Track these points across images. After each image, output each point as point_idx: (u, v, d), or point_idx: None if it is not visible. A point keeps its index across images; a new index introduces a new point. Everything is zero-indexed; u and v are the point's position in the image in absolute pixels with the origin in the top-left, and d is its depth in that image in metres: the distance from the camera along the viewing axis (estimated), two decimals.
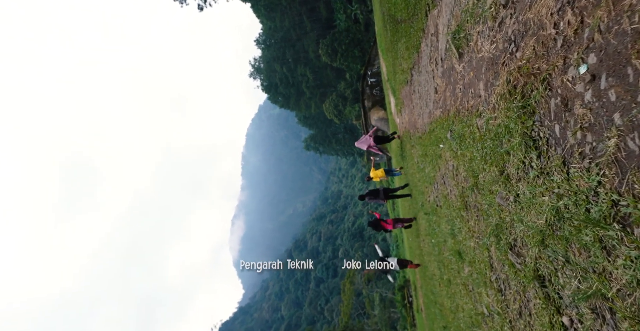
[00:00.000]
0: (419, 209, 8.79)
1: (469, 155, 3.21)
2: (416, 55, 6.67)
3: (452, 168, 4.47)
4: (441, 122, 4.61)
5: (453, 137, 3.73)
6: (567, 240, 1.63)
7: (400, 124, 12.90)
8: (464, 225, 4.11)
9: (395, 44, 10.04)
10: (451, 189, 4.77)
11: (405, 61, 8.43)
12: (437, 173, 5.89)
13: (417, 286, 14.37)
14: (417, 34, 6.10)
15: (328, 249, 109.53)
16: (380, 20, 17.16)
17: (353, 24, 50.91)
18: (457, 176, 4.17)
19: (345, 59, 50.94)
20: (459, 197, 4.16)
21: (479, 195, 3.06)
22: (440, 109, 4.66)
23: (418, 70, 6.83)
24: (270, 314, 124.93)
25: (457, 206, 4.35)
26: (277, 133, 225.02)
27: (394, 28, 9.72)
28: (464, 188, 3.92)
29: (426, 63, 5.58)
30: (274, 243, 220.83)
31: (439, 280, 6.48)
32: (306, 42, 54.23)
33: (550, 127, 1.69)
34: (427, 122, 6.48)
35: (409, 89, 8.95)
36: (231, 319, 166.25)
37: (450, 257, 5.21)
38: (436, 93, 4.87)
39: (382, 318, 38.15)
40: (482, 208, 2.98)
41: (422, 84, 6.50)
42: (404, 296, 21.66)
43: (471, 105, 2.96)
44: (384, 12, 13.17)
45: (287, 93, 58.93)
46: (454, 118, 3.68)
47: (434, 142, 5.50)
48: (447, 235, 5.14)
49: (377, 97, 31.02)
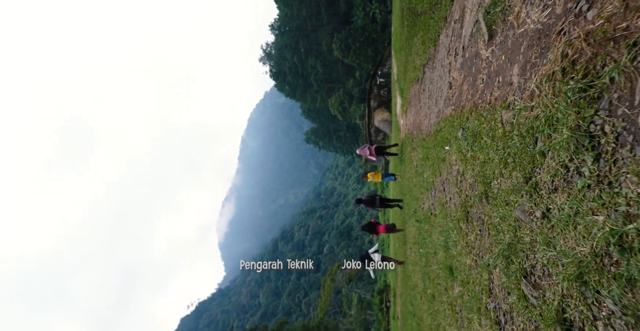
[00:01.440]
0: (411, 215, 8.29)
1: (482, 158, 2.68)
2: (432, 49, 6.11)
3: (456, 174, 3.95)
4: (451, 120, 4.08)
5: (465, 135, 3.20)
6: (630, 281, 1.11)
7: (404, 126, 12.37)
8: (461, 238, 3.60)
9: (411, 39, 9.47)
10: (451, 197, 4.26)
11: (419, 57, 7.87)
12: (436, 179, 5.38)
13: (396, 292, 13.95)
14: (437, 25, 5.54)
15: (314, 244, 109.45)
16: (398, 18, 16.52)
17: (370, 23, 50.04)
18: (462, 182, 3.65)
19: (357, 56, 50.14)
20: (460, 206, 3.65)
21: (489, 205, 2.54)
22: (453, 106, 4.13)
23: (432, 66, 6.27)
24: (248, 300, 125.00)
25: (456, 216, 3.84)
26: (280, 122, 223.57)
27: (412, 22, 9.14)
28: (468, 197, 3.40)
29: (443, 56, 5.03)
30: (261, 231, 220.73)
31: (422, 292, 6.00)
32: (320, 35, 53.27)
33: (628, 118, 1.16)
34: (433, 123, 5.95)
35: (418, 88, 8.40)
36: (209, 299, 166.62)
37: (438, 271, 4.71)
38: (450, 88, 4.33)
39: (358, 318, 37.96)
40: (491, 221, 2.46)
41: (435, 81, 5.95)
42: (382, 301, 21.30)
43: (496, 96, 2.43)
44: (403, 8, 12.55)
45: (295, 83, 57.97)
46: (469, 114, 3.14)
47: (439, 143, 4.98)
48: (439, 247, 4.63)
49: (383, 98, 30.41)
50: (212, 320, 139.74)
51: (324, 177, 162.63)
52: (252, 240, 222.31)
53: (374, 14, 49.73)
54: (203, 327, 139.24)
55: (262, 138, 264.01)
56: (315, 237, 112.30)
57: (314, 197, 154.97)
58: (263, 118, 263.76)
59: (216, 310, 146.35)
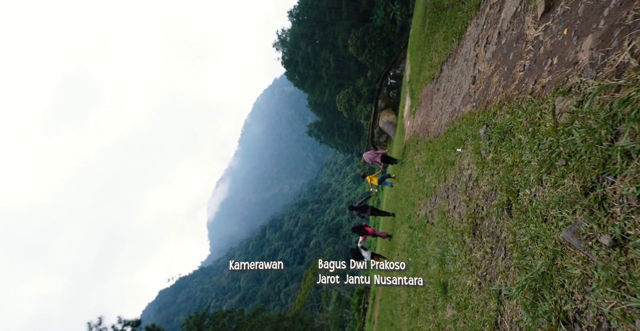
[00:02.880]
0: (404, 221, 7.78)
1: (510, 160, 2.14)
2: (455, 44, 5.54)
3: (466, 179, 3.41)
4: (470, 118, 3.53)
5: (489, 134, 2.65)
6: None
7: (410, 128, 11.82)
8: (463, 254, 3.07)
9: (431, 36, 8.87)
10: (456, 205, 3.73)
11: (438, 54, 7.29)
12: (439, 184, 4.85)
13: (376, 296, 13.52)
14: (465, 16, 4.96)
15: (302, 236, 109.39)
16: (419, 17, 15.85)
17: (389, 24, 49.11)
18: (473, 189, 3.12)
19: (371, 55, 49.31)
20: (468, 216, 3.12)
21: (512, 220, 2.00)
22: (474, 103, 3.57)
23: (452, 63, 5.70)
24: (229, 282, 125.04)
25: (460, 228, 3.31)
26: (285, 110, 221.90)
27: (436, 17, 8.53)
28: (479, 207, 2.87)
29: (468, 49, 4.46)
30: (252, 216, 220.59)
31: (405, 304, 5.50)
32: (338, 29, 52.29)
33: None
34: (445, 123, 5.40)
35: (432, 87, 7.83)
36: (190, 276, 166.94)
37: (428, 286, 4.19)
38: (473, 83, 3.77)
39: (334, 316, 37.76)
40: (514, 240, 1.93)
41: (453, 78, 5.39)
42: (361, 301, 20.92)
43: (544, 83, 1.88)
44: (426, 5, 11.91)
45: (305, 73, 57.00)
46: (498, 108, 2.59)
47: (450, 145, 4.43)
48: (433, 260, 4.11)
49: (392, 100, 29.76)
50: (190, 297, 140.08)
51: (321, 171, 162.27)
52: (242, 224, 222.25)
53: (394, 15, 48.76)
54: (181, 302, 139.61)
55: (265, 124, 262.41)
56: (304, 230, 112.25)
57: (308, 190, 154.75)
58: (269, 105, 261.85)
59: (196, 287, 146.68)
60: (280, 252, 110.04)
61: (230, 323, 37.25)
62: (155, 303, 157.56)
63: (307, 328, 38.48)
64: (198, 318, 36.52)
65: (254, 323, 37.74)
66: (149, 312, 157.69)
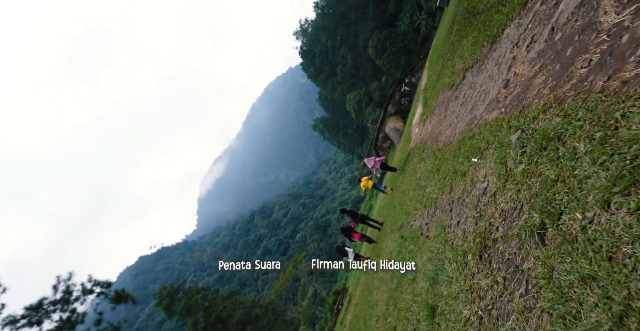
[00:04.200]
0: (395, 229, 7.31)
1: (555, 174, 1.66)
2: (487, 48, 5.04)
3: (480, 193, 2.94)
4: (496, 125, 3.05)
5: (523, 141, 2.17)
6: None
7: (418, 135, 11.33)
8: (462, 277, 2.61)
9: (458, 42, 8.36)
10: (461, 221, 3.26)
11: (463, 60, 6.78)
12: (443, 196, 4.37)
13: (352, 300, 13.11)
14: (505, 17, 4.47)
15: (289, 227, 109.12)
16: (445, 26, 15.30)
17: (412, 32, 48.35)
18: (488, 205, 2.64)
19: (389, 61, 48.61)
20: (476, 235, 2.65)
21: (544, 248, 1.53)
22: (503, 109, 3.09)
23: (479, 68, 5.21)
24: (209, 259, 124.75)
25: (463, 247, 2.84)
26: (294, 101, 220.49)
27: (467, 23, 8.02)
28: (492, 227, 2.40)
29: (503, 52, 3.97)
30: (243, 199, 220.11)
31: (381, 317, 5.05)
32: (361, 28, 51.47)
33: None
34: (460, 131, 4.92)
35: (450, 94, 7.33)
36: (172, 247, 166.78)
37: (412, 304, 3.74)
38: (505, 87, 3.29)
39: (307, 311, 37.52)
40: (547, 275, 1.45)
41: (477, 84, 4.90)
42: (336, 302, 20.56)
43: (628, 77, 1.40)
44: (456, 13, 11.36)
45: (321, 67, 56.16)
46: (541, 112, 2.11)
47: (463, 154, 3.95)
48: (423, 276, 3.65)
49: (402, 107, 29.19)
50: (169, 267, 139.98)
51: (319, 167, 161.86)
52: (232, 205, 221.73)
53: (419, 24, 47.99)
54: (159, 271, 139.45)
55: (272, 111, 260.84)
56: (292, 222, 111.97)
57: (303, 183, 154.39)
58: (279, 93, 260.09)
59: (176, 259, 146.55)
60: (265, 239, 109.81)
61: (204, 300, 36.88)
62: (133, 268, 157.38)
63: (279, 319, 38.25)
64: (172, 290, 36.15)
65: (227, 304, 37.42)
66: (126, 275, 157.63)
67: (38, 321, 14.59)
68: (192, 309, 34.43)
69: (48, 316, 14.86)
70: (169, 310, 34.70)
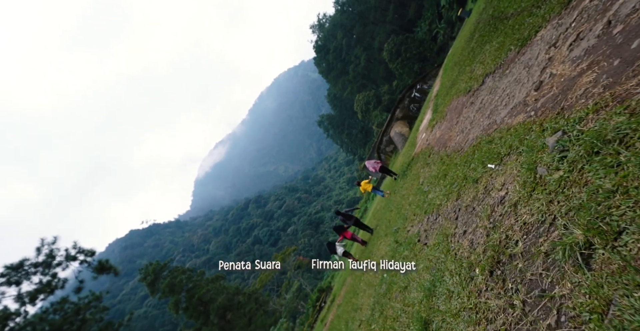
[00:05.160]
0: (389, 233, 6.97)
1: (612, 183, 1.33)
2: (514, 51, 4.69)
3: (496, 202, 2.60)
4: (523, 129, 2.71)
5: (563, 144, 1.82)
6: None
7: (424, 141, 10.97)
8: (466, 294, 2.28)
9: (480, 48, 7.98)
10: (468, 231, 2.92)
11: (484, 66, 6.42)
12: (448, 203, 4.04)
13: (335, 299, 12.82)
14: (539, 20, 4.11)
15: (282, 220, 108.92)
16: (465, 34, 14.88)
17: (429, 40, 47.74)
18: (506, 216, 2.30)
19: (402, 66, 48.08)
20: (487, 247, 2.32)
21: (588, 274, 1.20)
22: (533, 112, 2.75)
23: (502, 73, 4.86)
24: (199, 242, 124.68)
25: (470, 259, 2.51)
26: (303, 94, 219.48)
27: (492, 29, 7.64)
28: (512, 240, 2.06)
29: (535, 55, 3.62)
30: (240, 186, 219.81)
31: (365, 322, 4.74)
32: (378, 30, 50.82)
33: None
34: (474, 137, 4.58)
35: (464, 100, 6.98)
36: (164, 225, 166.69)
37: (401, 314, 3.42)
38: (537, 90, 2.94)
39: (290, 304, 37.37)
40: (596, 308, 1.12)
41: (499, 89, 4.55)
42: (319, 299, 20.31)
43: None
44: (479, 20, 10.95)
45: (334, 64, 55.54)
46: (592, 112, 1.77)
47: (478, 160, 3.61)
48: (417, 286, 3.33)
49: (410, 112, 28.77)
50: (158, 244, 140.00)
51: (319, 164, 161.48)
52: (228, 190, 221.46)
53: (437, 33, 47.35)
54: (148, 247, 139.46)
55: (280, 102, 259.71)
56: (286, 215, 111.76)
57: (301, 177, 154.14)
58: (288, 85, 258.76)
59: (166, 237, 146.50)
60: (256, 229, 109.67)
61: (188, 281, 36.64)
62: (123, 241, 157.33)
63: (260, 308, 38.08)
64: (158, 267, 35.88)
65: (211, 288, 37.21)
66: (115, 247, 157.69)
67: (17, 281, 14.32)
68: (175, 288, 34.23)
69: (28, 278, 14.58)
70: (152, 286, 34.50)
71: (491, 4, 10.51)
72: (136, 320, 78.69)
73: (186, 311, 34.92)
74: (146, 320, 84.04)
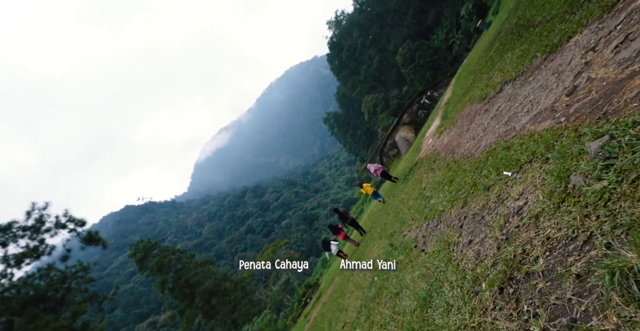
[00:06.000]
0: (385, 236, 6.70)
1: None
2: (540, 58, 4.39)
3: (512, 212, 2.32)
4: (551, 135, 2.43)
5: (611, 150, 1.54)
6: None
7: (430, 146, 10.67)
8: (467, 309, 2.01)
9: (500, 56, 7.67)
10: (475, 240, 2.65)
11: (504, 73, 6.11)
12: (452, 209, 3.76)
13: (322, 296, 12.59)
14: (574, 26, 3.81)
15: (277, 212, 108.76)
16: (481, 47, 14.52)
17: (444, 49, 47.15)
18: (523, 228, 2.03)
19: (415, 72, 47.55)
20: (497, 261, 2.05)
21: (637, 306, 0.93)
22: (563, 118, 2.46)
23: (524, 80, 4.56)
24: (193, 225, 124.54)
25: (474, 272, 2.24)
26: (312, 90, 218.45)
27: (514, 37, 7.31)
28: (531, 256, 1.79)
29: (566, 60, 3.33)
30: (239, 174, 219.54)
31: (349, 326, 4.48)
32: (394, 33, 50.17)
33: None
34: (487, 144, 4.29)
35: (478, 107, 6.68)
36: (159, 204, 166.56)
37: (390, 322, 3.16)
38: (569, 95, 2.65)
39: (276, 296, 37.26)
40: None
41: (520, 96, 4.26)
42: (305, 294, 20.10)
43: None
44: (500, 30, 10.60)
45: (346, 62, 54.91)
46: None
47: (492, 166, 3.33)
48: (410, 294, 3.06)
49: (418, 118, 28.41)
50: (152, 222, 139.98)
51: (320, 160, 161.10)
52: (227, 177, 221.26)
53: (453, 43, 46.73)
54: (141, 223, 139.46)
55: (288, 95, 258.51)
56: (282, 207, 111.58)
57: (301, 172, 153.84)
58: (299, 78, 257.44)
59: (161, 216, 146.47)
60: (251, 218, 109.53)
61: (177, 262, 36.42)
62: (118, 215, 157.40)
63: (246, 297, 37.92)
64: (149, 245, 35.62)
65: (199, 271, 37.02)
66: (109, 220, 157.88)
67: (3, 243, 14.10)
68: (163, 268, 34.03)
69: (15, 241, 14.35)
70: (141, 263, 34.32)
71: (515, 14, 10.16)
72: (122, 294, 78.92)
73: (172, 291, 34.81)
74: (132, 295, 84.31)
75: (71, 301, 17.42)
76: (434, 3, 48.61)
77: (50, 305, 16.53)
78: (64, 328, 15.25)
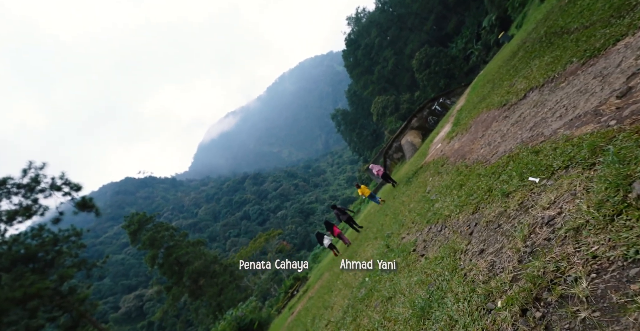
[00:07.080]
0: (381, 237, 6.35)
1: None
2: (575, 64, 4.00)
3: (540, 223, 1.97)
4: (597, 137, 2.07)
5: None
6: None
7: (438, 151, 10.28)
8: (476, 328, 1.67)
9: (526, 63, 7.24)
10: (488, 250, 2.30)
11: (529, 80, 5.71)
12: (460, 215, 3.41)
13: (309, 290, 12.33)
14: (621, 29, 3.41)
15: (275, 202, 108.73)
16: (501, 57, 14.02)
17: (462, 59, 46.29)
18: (552, 241, 1.69)
19: (429, 78, 46.81)
20: (516, 275, 1.71)
21: None
22: (613, 121, 2.10)
23: (555, 86, 4.18)
24: (189, 204, 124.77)
25: (486, 286, 1.90)
26: (323, 85, 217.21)
27: (543, 46, 6.88)
28: (565, 275, 1.44)
29: (612, 63, 2.95)
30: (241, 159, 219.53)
31: (333, 325, 4.16)
32: (413, 37, 49.29)
33: None
34: (505, 150, 3.93)
35: (496, 114, 6.29)
36: (159, 180, 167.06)
37: (379, 328, 2.83)
38: (621, 98, 2.29)
39: (263, 285, 37.18)
40: None
41: (549, 102, 3.88)
42: (292, 286, 19.88)
43: None
44: (526, 40, 10.13)
45: (361, 61, 54.05)
46: None
47: (514, 171, 2.97)
48: (406, 301, 2.73)
49: (427, 124, 27.90)
50: (150, 197, 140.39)
51: (323, 156, 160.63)
52: (229, 161, 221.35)
53: (471, 53, 45.83)
54: (139, 197, 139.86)
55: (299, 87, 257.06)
56: (280, 198, 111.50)
57: (303, 165, 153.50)
58: (312, 72, 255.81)
59: (159, 192, 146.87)
60: (248, 205, 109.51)
61: (170, 239, 36.26)
62: (117, 185, 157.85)
63: (234, 282, 37.82)
64: (144, 219, 35.45)
65: (190, 251, 36.88)
66: (108, 189, 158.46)
67: None
68: (155, 243, 33.94)
69: (8, 197, 14.13)
70: (134, 235, 34.25)
71: (545, 24, 9.69)
72: (112, 264, 79.36)
73: (161, 267, 34.78)
74: (122, 266, 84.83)
75: (60, 265, 17.29)
76: (457, 11, 47.69)
77: (39, 266, 16.40)
78: (48, 289, 15.11)
